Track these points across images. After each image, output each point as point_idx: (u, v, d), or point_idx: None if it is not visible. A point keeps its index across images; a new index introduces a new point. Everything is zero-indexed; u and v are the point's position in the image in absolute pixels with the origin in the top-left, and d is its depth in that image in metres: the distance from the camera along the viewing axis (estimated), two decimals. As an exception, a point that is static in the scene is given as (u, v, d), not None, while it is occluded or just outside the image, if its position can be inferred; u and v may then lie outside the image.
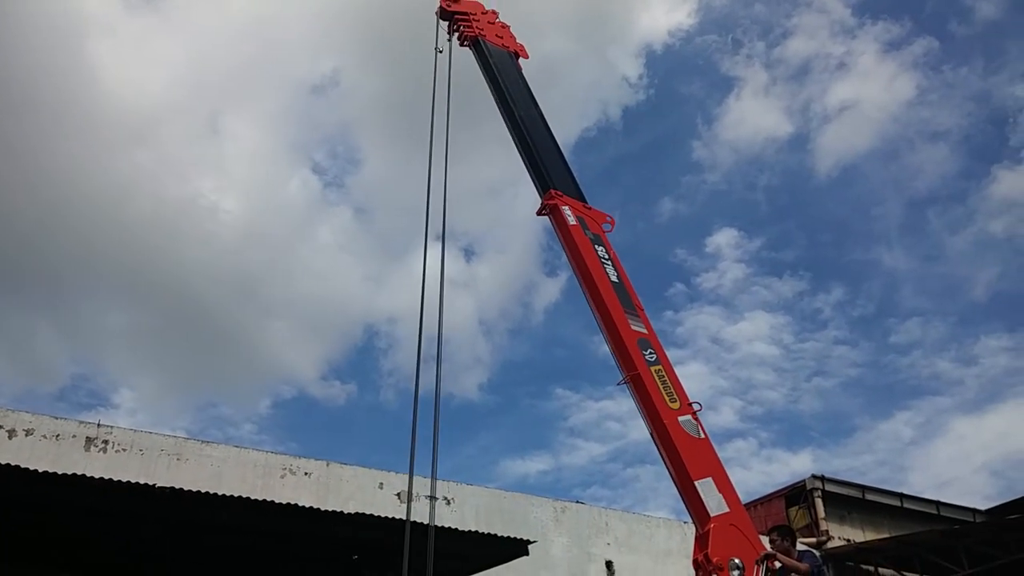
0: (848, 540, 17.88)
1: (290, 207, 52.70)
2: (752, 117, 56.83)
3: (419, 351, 8.55)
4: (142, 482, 8.48)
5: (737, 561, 7.31)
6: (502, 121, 11.52)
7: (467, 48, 12.02)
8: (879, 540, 17.33)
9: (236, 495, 9.00)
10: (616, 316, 9.33)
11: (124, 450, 11.97)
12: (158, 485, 8.39)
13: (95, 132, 40.58)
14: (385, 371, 70.26)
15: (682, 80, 59.68)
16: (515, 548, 10.36)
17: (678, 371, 9.10)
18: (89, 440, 11.80)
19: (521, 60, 12.30)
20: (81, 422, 11.94)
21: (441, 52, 11.38)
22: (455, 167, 10.17)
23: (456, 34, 12.05)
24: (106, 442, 11.93)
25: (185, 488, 8.48)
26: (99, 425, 12.00)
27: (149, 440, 12.28)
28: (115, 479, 8.24)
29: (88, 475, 8.11)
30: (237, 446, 13.20)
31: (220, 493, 8.86)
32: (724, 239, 68.53)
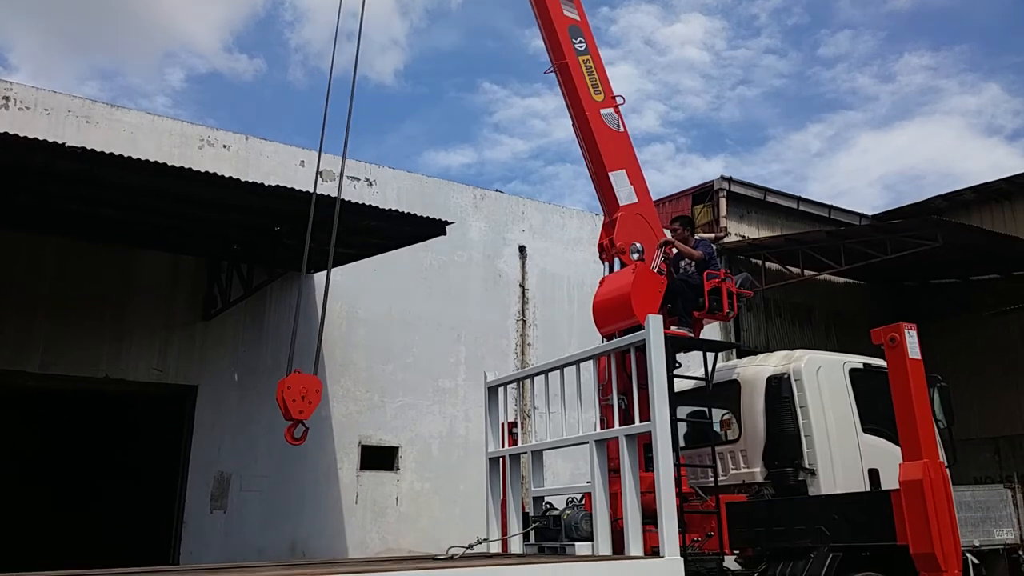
0: (743, 237, 19.34)
1: None
2: None
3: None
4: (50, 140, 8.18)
5: (638, 245, 7.90)
6: None
7: None
8: (770, 237, 18.79)
9: (154, 160, 8.84)
10: (549, -2, 8.99)
11: (28, 108, 11.39)
12: (68, 144, 8.14)
13: None
14: (293, 47, 66.31)
15: None
16: (433, 228, 10.78)
17: (608, 72, 9.02)
18: (-13, 96, 11.14)
19: None
20: (-25, 76, 11.17)
21: None
22: None
23: None
24: (7, 98, 11.27)
25: (98, 149, 8.27)
26: (-4, 80, 11.26)
27: (55, 100, 11.66)
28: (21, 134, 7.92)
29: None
30: (151, 113, 12.72)
31: (137, 157, 8.68)
32: (674, -75, 63.57)
